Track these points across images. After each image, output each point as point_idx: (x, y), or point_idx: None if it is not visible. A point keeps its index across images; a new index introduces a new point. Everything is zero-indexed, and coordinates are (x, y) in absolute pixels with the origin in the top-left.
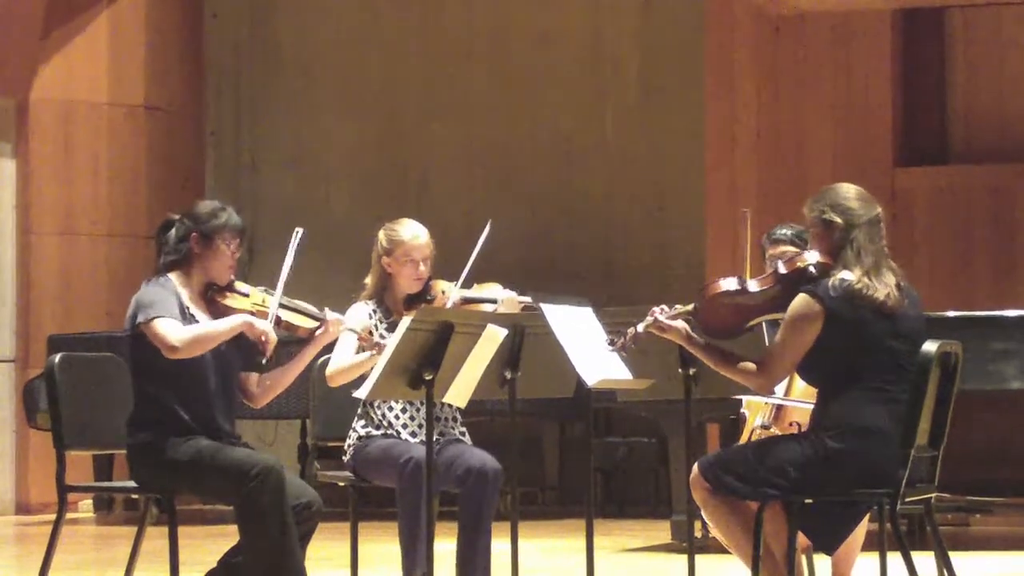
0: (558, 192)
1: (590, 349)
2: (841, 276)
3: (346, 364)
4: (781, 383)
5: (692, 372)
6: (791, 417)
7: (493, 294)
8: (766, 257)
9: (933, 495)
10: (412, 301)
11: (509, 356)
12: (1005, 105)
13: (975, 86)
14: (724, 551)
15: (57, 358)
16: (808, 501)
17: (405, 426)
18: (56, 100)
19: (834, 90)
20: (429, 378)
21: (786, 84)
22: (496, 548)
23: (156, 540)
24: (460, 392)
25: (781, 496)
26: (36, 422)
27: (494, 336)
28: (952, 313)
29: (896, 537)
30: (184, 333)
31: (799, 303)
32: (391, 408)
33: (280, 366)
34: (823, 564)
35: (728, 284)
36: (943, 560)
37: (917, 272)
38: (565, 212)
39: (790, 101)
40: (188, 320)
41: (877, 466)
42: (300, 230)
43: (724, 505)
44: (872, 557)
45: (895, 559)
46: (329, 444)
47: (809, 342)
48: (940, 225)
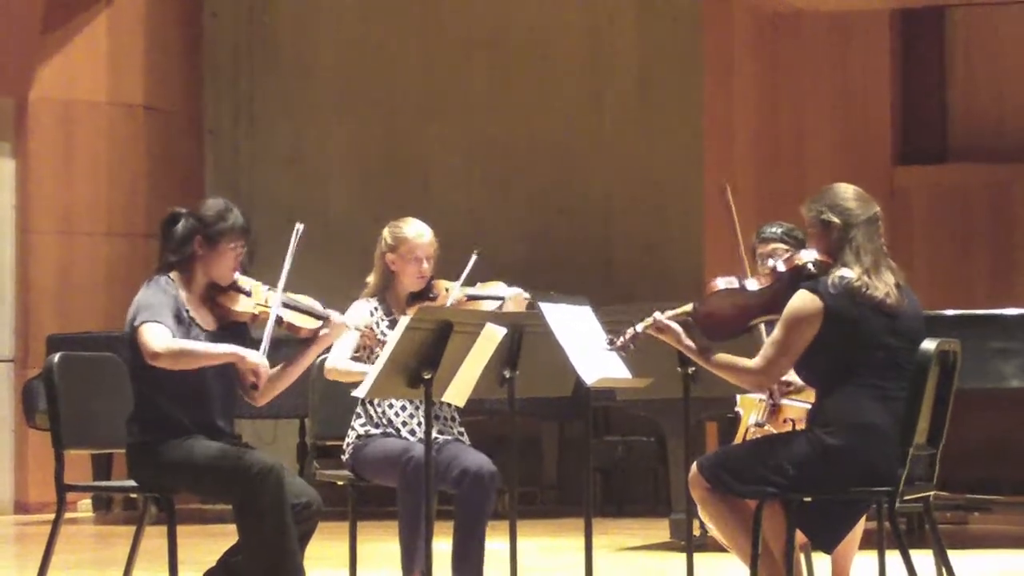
0: (557, 191)
1: (589, 348)
2: (840, 273)
3: (342, 368)
4: None
5: (691, 371)
6: (785, 415)
7: (497, 291)
8: (756, 255)
9: (932, 493)
10: (414, 299)
11: (508, 355)
12: (1004, 104)
13: (974, 85)
14: (723, 550)
15: (56, 358)
16: (807, 499)
17: (405, 424)
18: (55, 100)
19: (832, 88)
20: (428, 377)
21: (784, 82)
22: (495, 547)
23: (155, 539)
24: (459, 391)
25: (780, 494)
26: (35, 422)
27: (493, 335)
28: (951, 311)
29: (895, 535)
30: (170, 343)
31: (798, 300)
32: (391, 406)
33: (282, 365)
34: (822, 562)
35: (726, 283)
36: (942, 558)
37: (915, 270)
38: (564, 211)
39: (789, 99)
40: (186, 323)
41: (876, 464)
42: (300, 226)
43: (723, 503)
44: (871, 555)
45: (894, 557)
46: (328, 443)
47: (808, 339)
48: (939, 223)
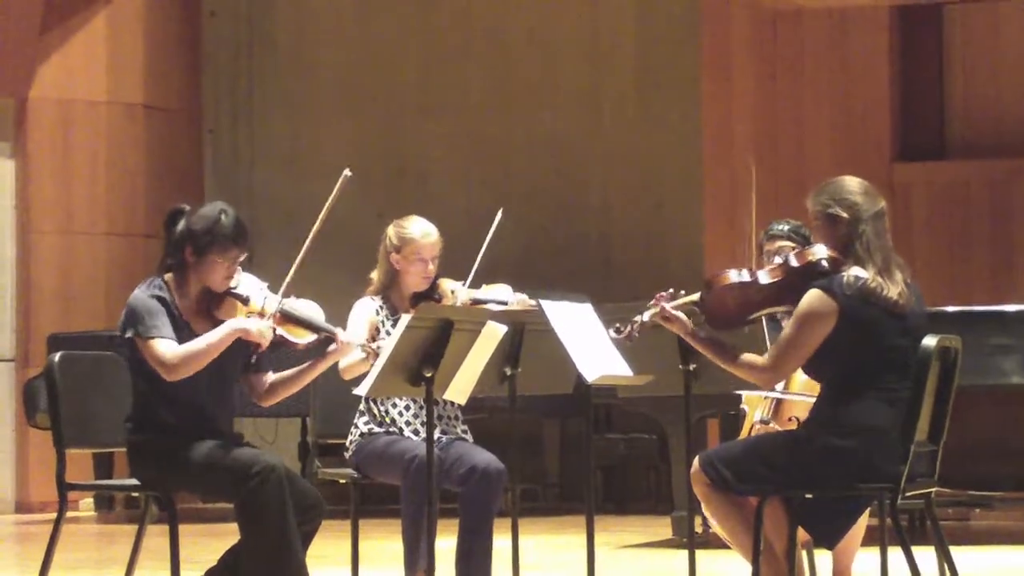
0: (556, 189)
1: (590, 345)
2: (855, 273)
3: (342, 365)
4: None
5: (692, 368)
6: (791, 412)
7: (502, 295)
8: (763, 252)
9: (933, 490)
10: (419, 299)
11: (509, 353)
12: (1002, 100)
13: (972, 81)
14: (725, 547)
15: (57, 357)
16: (808, 496)
17: (408, 423)
18: (55, 99)
19: (832, 85)
20: (429, 375)
21: (783, 80)
22: (497, 545)
23: (157, 538)
24: (460, 389)
25: (781, 491)
26: (36, 421)
27: (494, 333)
28: (951, 308)
29: (897, 532)
30: (179, 352)
31: (812, 299)
32: (395, 405)
33: (288, 373)
34: (823, 559)
35: (738, 276)
36: (944, 555)
37: (915, 267)
38: (563, 208)
39: (788, 97)
40: (180, 328)
41: (878, 462)
42: (348, 172)
43: (724, 500)
44: (873, 552)
45: (896, 554)
46: (329, 442)
47: (820, 339)
48: (938, 220)
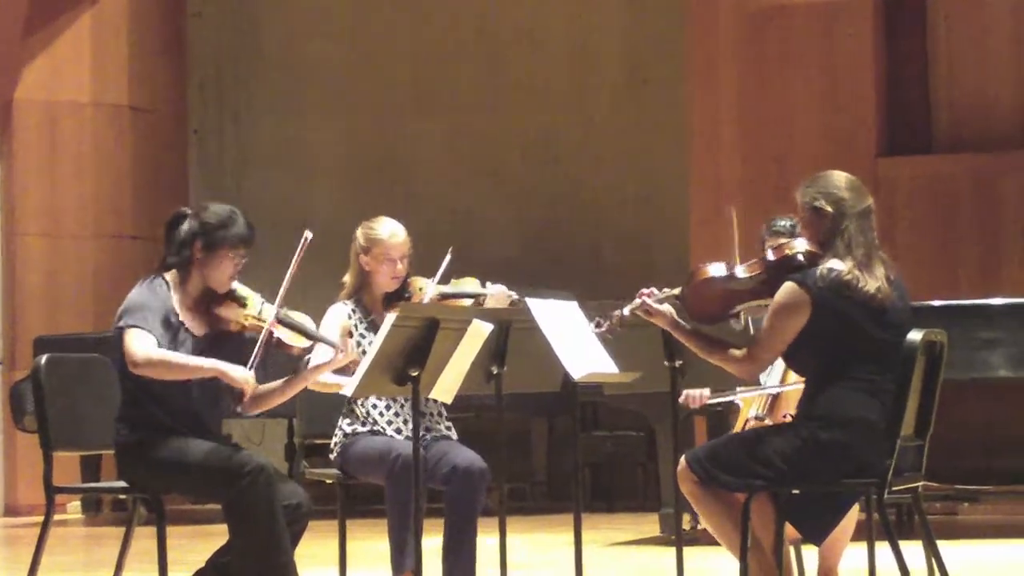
0: (545, 186)
1: (576, 343)
2: (830, 266)
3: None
4: (777, 373)
5: (678, 364)
6: (785, 408)
7: (471, 289)
8: (764, 247)
9: (920, 484)
10: (390, 300)
11: (495, 351)
12: (988, 94)
13: (958, 76)
14: (713, 543)
15: (43, 359)
16: (795, 492)
17: (390, 422)
18: (40, 101)
19: (817, 80)
20: (415, 375)
21: (769, 75)
22: (485, 543)
23: (145, 540)
24: (446, 388)
25: (768, 487)
26: (23, 424)
27: (480, 331)
28: (937, 302)
29: (884, 527)
30: (152, 353)
31: (785, 291)
32: (375, 405)
33: (280, 382)
34: (811, 555)
35: (716, 270)
36: (931, 549)
37: (901, 261)
38: (552, 205)
39: (773, 92)
40: (175, 327)
41: (864, 456)
42: (309, 234)
43: (711, 497)
44: (860, 547)
45: (883, 549)
46: (316, 442)
47: (795, 330)
48: (924, 214)
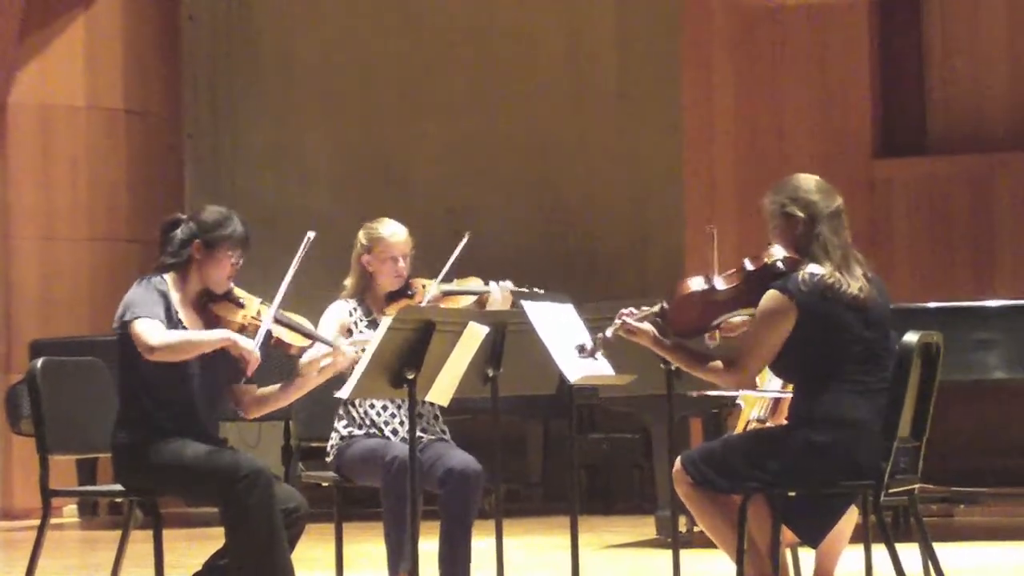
0: (539, 188)
1: (572, 346)
2: (810, 270)
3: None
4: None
5: (674, 367)
6: (787, 412)
7: (475, 287)
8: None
9: (917, 486)
10: (393, 298)
11: (491, 354)
12: (983, 94)
13: (953, 76)
14: (709, 546)
15: (39, 363)
16: (791, 494)
17: (387, 423)
18: (34, 104)
19: (811, 82)
20: (411, 377)
21: (763, 76)
22: (481, 546)
23: (141, 543)
24: (442, 391)
25: (764, 489)
26: (19, 427)
27: (476, 334)
28: (933, 304)
29: (880, 529)
30: (164, 336)
31: (769, 299)
32: (372, 406)
33: (280, 385)
34: (808, 558)
35: (696, 284)
36: (927, 551)
37: (896, 263)
38: (546, 207)
39: (768, 93)
40: (174, 325)
41: (860, 458)
42: (312, 234)
43: (708, 499)
44: (857, 549)
45: (880, 551)
46: (312, 444)
47: (782, 337)
48: (919, 216)
